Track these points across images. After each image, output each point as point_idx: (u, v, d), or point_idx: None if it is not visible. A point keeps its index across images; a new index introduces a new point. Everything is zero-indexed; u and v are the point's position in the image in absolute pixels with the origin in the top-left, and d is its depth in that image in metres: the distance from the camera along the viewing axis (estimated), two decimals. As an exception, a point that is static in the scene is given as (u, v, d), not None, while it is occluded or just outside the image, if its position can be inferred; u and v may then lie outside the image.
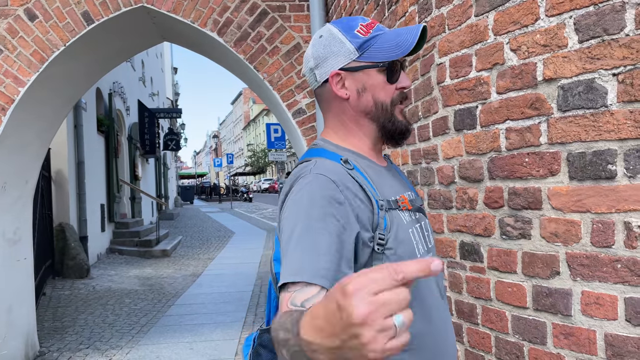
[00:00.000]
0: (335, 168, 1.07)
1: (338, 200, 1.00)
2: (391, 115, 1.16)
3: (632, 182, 1.36)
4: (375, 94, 1.14)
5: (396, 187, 1.19)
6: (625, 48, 1.37)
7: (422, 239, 1.17)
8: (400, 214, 1.12)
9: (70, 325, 6.00)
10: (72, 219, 9.03)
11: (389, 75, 1.14)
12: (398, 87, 1.15)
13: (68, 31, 4.27)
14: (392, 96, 1.15)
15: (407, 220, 1.14)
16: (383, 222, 1.06)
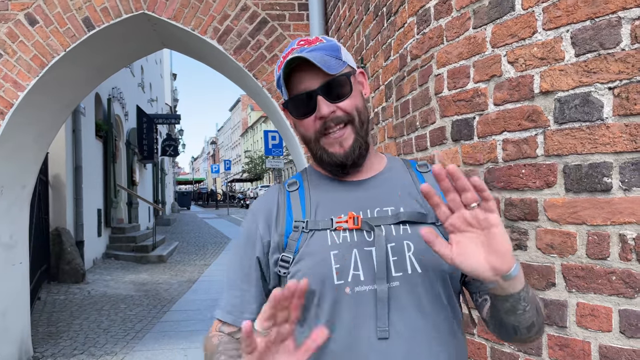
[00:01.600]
0: (266, 196, 1.18)
1: (250, 232, 1.13)
2: (317, 147, 1.11)
3: (627, 195, 1.38)
4: (298, 128, 1.13)
5: (351, 202, 1.09)
6: (621, 62, 1.39)
7: (370, 264, 1.03)
8: (330, 234, 1.05)
9: (65, 331, 5.98)
10: (68, 224, 9.01)
11: (292, 112, 1.12)
12: (317, 117, 1.07)
13: (69, 36, 4.29)
14: (314, 128, 1.09)
15: (336, 241, 1.05)
16: (295, 244, 1.06)
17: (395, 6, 2.55)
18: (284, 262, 1.07)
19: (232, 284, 1.14)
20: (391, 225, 1.06)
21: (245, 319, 1.04)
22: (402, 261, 1.04)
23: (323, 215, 1.08)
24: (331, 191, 1.12)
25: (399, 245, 1.05)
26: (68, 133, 9.02)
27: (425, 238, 0.90)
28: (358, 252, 1.03)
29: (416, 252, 1.04)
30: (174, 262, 11.58)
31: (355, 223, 1.05)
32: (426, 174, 1.17)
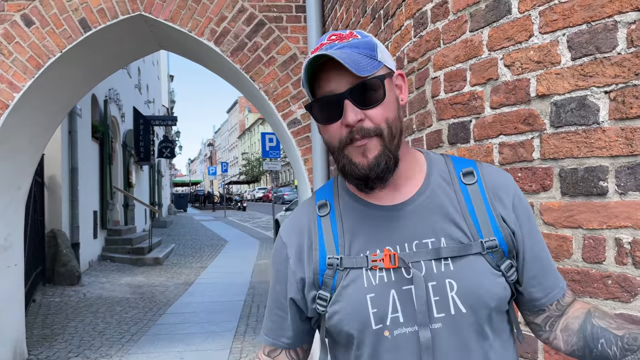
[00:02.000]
0: (298, 221, 1.08)
1: (281, 267, 1.07)
2: (341, 155, 0.98)
3: (623, 199, 1.37)
4: (322, 133, 1.02)
5: (387, 236, 0.99)
6: (617, 66, 1.39)
7: (409, 304, 0.95)
8: (366, 273, 0.97)
9: (60, 333, 5.95)
10: (64, 226, 8.98)
11: (316, 117, 1.00)
12: (344, 123, 0.95)
13: (65, 38, 4.27)
14: (339, 135, 0.96)
15: (373, 282, 0.96)
16: (332, 281, 0.99)
17: (392, 9, 2.55)
18: (321, 301, 1.00)
19: (270, 309, 1.13)
20: (432, 261, 0.96)
21: (282, 342, 1.11)
22: (445, 301, 0.94)
23: (358, 251, 0.99)
24: (364, 219, 1.01)
25: (440, 284, 0.95)
26: (64, 134, 9.00)
27: None
28: (396, 292, 0.95)
29: (460, 291, 0.95)
30: (170, 264, 11.55)
31: (392, 262, 0.96)
32: (471, 186, 1.02)
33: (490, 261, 0.97)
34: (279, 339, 1.10)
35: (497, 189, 1.02)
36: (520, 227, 1.01)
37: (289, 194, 36.90)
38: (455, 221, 0.98)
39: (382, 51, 1.00)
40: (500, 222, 0.99)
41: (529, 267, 1.02)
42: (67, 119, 9.07)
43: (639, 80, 1.34)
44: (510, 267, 0.99)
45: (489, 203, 1.00)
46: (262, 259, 11.99)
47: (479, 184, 1.02)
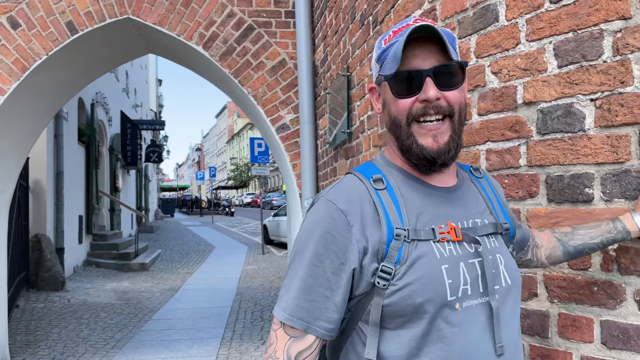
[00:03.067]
0: (354, 190, 1.02)
1: (340, 234, 0.98)
2: (407, 132, 1.01)
3: (608, 206, 1.38)
4: (390, 109, 1.04)
5: (447, 213, 1.03)
6: (602, 74, 1.40)
7: (479, 277, 1.00)
8: (436, 245, 0.99)
9: (43, 339, 5.86)
10: (48, 230, 8.87)
11: (392, 89, 1.02)
12: (420, 99, 0.99)
13: (51, 40, 4.23)
14: (409, 110, 1.00)
15: (445, 254, 0.98)
16: (397, 253, 0.96)
17: (381, 15, 2.56)
18: (384, 274, 0.96)
19: (308, 288, 0.98)
20: (484, 237, 1.04)
21: (320, 326, 0.97)
22: (498, 274, 1.03)
23: (424, 224, 1.00)
24: (425, 197, 1.04)
25: (494, 258, 1.04)
26: (50, 138, 8.90)
27: None
28: (464, 265, 0.99)
29: (505, 265, 1.05)
30: (157, 270, 11.45)
31: (457, 235, 1.00)
32: (482, 180, 1.17)
33: (505, 241, 1.11)
34: (316, 323, 0.97)
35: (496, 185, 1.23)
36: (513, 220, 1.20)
37: (278, 199, 36.82)
38: (486, 206, 1.12)
39: (456, 45, 1.07)
40: (507, 209, 1.17)
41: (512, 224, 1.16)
42: (53, 123, 8.97)
43: (624, 88, 1.35)
44: (513, 250, 1.16)
45: (496, 194, 1.17)
46: (250, 265, 11.93)
47: (485, 178, 1.18)
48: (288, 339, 0.99)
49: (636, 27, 1.34)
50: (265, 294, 8.41)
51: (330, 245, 0.97)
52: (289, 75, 4.42)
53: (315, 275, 0.97)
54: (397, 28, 1.02)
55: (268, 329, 6.25)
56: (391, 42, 1.01)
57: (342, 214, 0.98)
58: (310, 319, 0.97)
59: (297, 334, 0.99)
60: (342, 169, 3.53)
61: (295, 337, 0.99)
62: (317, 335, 0.99)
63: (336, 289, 0.98)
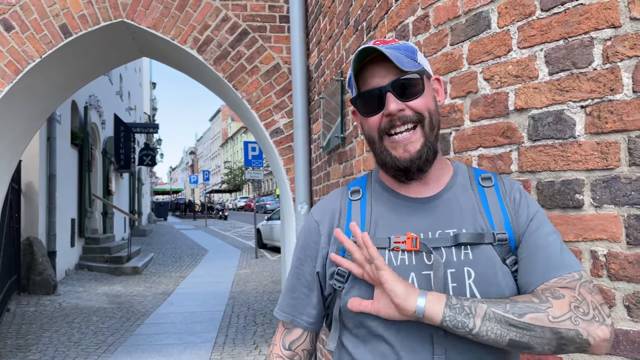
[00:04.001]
0: (330, 202, 1.17)
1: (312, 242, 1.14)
2: (381, 147, 1.07)
3: (598, 212, 1.40)
4: (364, 128, 1.11)
5: (412, 223, 1.06)
6: (592, 82, 1.42)
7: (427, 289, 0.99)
8: (388, 254, 1.03)
9: (34, 343, 5.81)
10: (40, 233, 8.81)
11: (359, 109, 1.09)
12: (385, 114, 1.04)
13: (45, 43, 4.22)
14: (379, 126, 1.06)
15: (396, 263, 1.02)
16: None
17: (374, 21, 2.58)
18: (339, 277, 1.07)
19: (292, 287, 1.17)
20: (452, 248, 1.02)
21: (302, 319, 1.15)
22: (462, 288, 1.00)
23: (382, 233, 1.06)
24: (393, 207, 1.09)
25: (459, 271, 1.01)
26: (42, 141, 8.86)
27: (350, 308, 1.00)
28: (416, 275, 1.01)
29: (477, 279, 1.00)
30: (149, 273, 11.40)
31: (414, 245, 1.02)
32: (488, 189, 1.11)
33: (498, 253, 1.03)
34: (299, 317, 1.15)
35: (512, 193, 1.11)
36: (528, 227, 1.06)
37: (271, 203, 36.77)
38: (473, 215, 1.07)
39: (422, 57, 1.11)
40: (512, 220, 1.06)
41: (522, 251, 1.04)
42: (45, 125, 8.93)
43: (614, 95, 1.37)
44: (515, 262, 1.04)
45: (503, 202, 1.09)
46: (243, 269, 11.91)
47: (496, 187, 1.12)
48: (283, 330, 1.19)
49: (625, 35, 1.35)
50: (259, 298, 8.39)
51: (307, 251, 1.15)
52: (283, 80, 4.43)
53: (298, 276, 1.16)
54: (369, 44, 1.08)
55: (261, 333, 6.23)
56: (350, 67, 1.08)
57: (316, 224, 1.15)
58: (295, 313, 1.16)
59: (288, 327, 1.18)
60: (335, 173, 3.54)
61: (287, 329, 1.18)
62: (302, 328, 1.16)
63: (313, 288, 1.14)
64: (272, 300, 8.20)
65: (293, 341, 1.16)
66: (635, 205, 1.33)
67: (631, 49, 1.34)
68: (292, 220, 4.37)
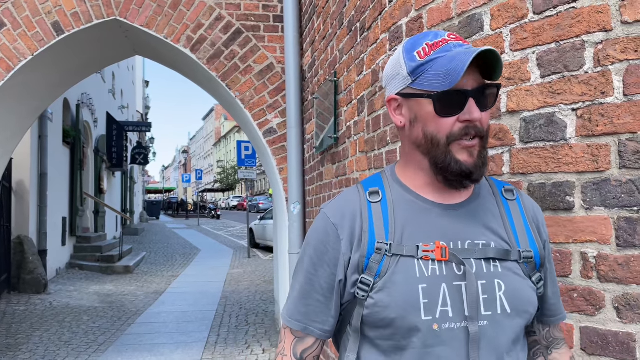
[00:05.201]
0: (348, 204, 1.07)
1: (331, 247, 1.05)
2: (445, 151, 0.99)
3: (588, 214, 1.41)
4: (426, 126, 1.01)
5: (440, 231, 1.02)
6: (584, 85, 1.43)
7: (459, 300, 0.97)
8: (417, 263, 0.98)
9: (24, 343, 5.77)
10: (31, 232, 8.75)
11: (437, 107, 0.99)
12: (461, 119, 0.98)
13: (37, 41, 4.20)
14: (451, 130, 0.99)
15: (426, 273, 0.98)
16: (377, 266, 0.99)
17: (368, 22, 2.58)
18: (363, 285, 1.00)
19: (305, 294, 1.07)
20: (481, 261, 1.00)
21: (316, 328, 1.06)
22: (493, 300, 0.98)
23: (408, 240, 1.00)
24: (418, 213, 1.03)
25: (490, 283, 0.99)
26: (34, 139, 8.80)
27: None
28: (447, 286, 0.97)
29: (507, 292, 0.99)
30: (141, 273, 11.35)
31: (443, 255, 0.98)
32: (511, 202, 1.09)
33: (524, 270, 1.03)
34: (313, 325, 1.06)
35: (534, 211, 1.12)
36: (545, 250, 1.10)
37: (264, 202, 36.74)
38: (499, 230, 1.05)
39: None
40: (536, 237, 1.07)
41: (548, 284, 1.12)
42: (37, 123, 8.87)
43: (604, 98, 1.38)
44: (540, 279, 1.06)
45: (526, 219, 1.08)
46: (236, 268, 11.89)
47: (518, 202, 1.10)
48: (293, 338, 1.09)
49: (617, 39, 1.37)
50: (251, 298, 8.38)
51: (323, 256, 1.05)
52: (277, 80, 4.43)
53: (312, 283, 1.06)
54: (432, 42, 1.00)
55: (253, 333, 6.22)
56: (430, 56, 0.99)
57: (334, 227, 1.05)
58: (308, 321, 1.07)
59: (300, 335, 1.08)
60: (328, 173, 3.54)
61: (299, 338, 1.09)
62: (315, 336, 1.08)
63: (329, 295, 1.05)
64: (265, 300, 8.19)
65: (305, 349, 1.08)
66: (625, 208, 1.34)
67: (622, 53, 1.36)
68: (284, 220, 4.36)
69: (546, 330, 1.16)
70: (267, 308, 7.54)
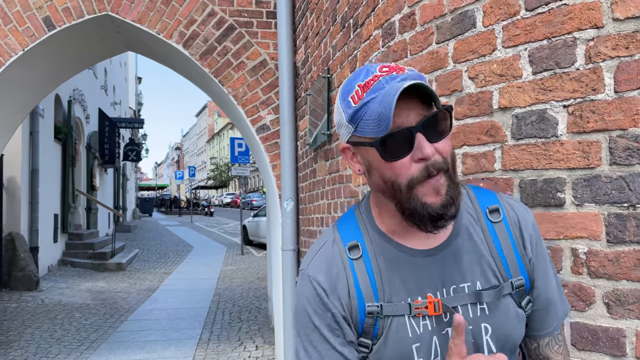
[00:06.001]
0: (332, 263, 0.99)
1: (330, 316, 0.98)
2: (409, 196, 0.91)
3: (579, 210, 1.41)
4: (382, 173, 0.93)
5: (427, 281, 0.97)
6: (575, 81, 1.43)
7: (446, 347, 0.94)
8: (409, 321, 0.95)
9: (16, 340, 5.74)
10: (22, 229, 8.70)
11: (382, 154, 0.90)
12: (415, 158, 0.89)
13: (28, 36, 4.16)
14: (410, 172, 0.90)
15: (418, 331, 0.95)
16: (372, 329, 0.96)
17: (361, 18, 2.58)
18: (363, 347, 0.98)
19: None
20: (468, 305, 0.96)
21: None
22: (480, 345, 0.96)
23: (397, 297, 0.96)
24: (401, 264, 0.97)
25: (476, 328, 0.96)
26: (25, 135, 8.74)
27: None
28: (437, 338, 0.95)
29: (494, 334, 0.96)
30: (134, 270, 11.32)
31: (436, 309, 0.94)
32: (497, 225, 1.01)
33: (516, 300, 0.99)
34: None
35: (520, 225, 1.02)
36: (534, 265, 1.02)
37: (258, 199, 36.69)
38: (487, 263, 0.98)
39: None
40: (524, 259, 1.00)
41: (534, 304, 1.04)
42: (28, 119, 8.81)
43: (595, 95, 1.39)
44: (529, 302, 1.02)
45: (514, 241, 1.00)
46: (229, 265, 11.87)
47: (505, 222, 1.01)
48: None
49: (608, 36, 1.37)
50: (244, 295, 8.38)
51: (328, 329, 0.98)
52: (270, 76, 4.42)
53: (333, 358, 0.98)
54: (363, 82, 0.91)
55: (246, 329, 6.22)
56: (363, 100, 0.90)
57: (325, 292, 0.98)
58: None
59: None
60: (321, 170, 3.54)
61: None
62: None
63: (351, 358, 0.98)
64: (258, 296, 8.19)
65: None
66: (615, 204, 1.35)
67: (613, 50, 1.36)
68: (278, 216, 4.36)
69: (534, 347, 1.07)
70: (260, 305, 7.54)
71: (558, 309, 1.06)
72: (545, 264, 1.05)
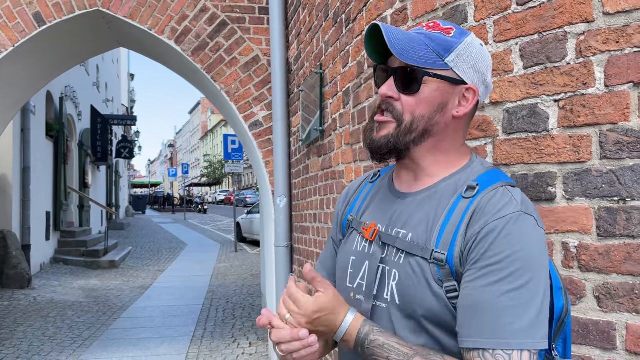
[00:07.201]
0: (361, 179, 1.28)
1: (338, 205, 1.29)
2: (370, 124, 1.07)
3: (570, 204, 1.42)
4: None
5: (383, 214, 1.07)
6: (566, 76, 1.43)
7: (367, 278, 1.03)
8: (357, 237, 1.11)
9: (8, 338, 5.71)
10: (14, 227, 8.65)
11: (375, 79, 1.11)
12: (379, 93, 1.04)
13: (18, 32, 4.13)
14: (376, 104, 1.06)
15: (358, 248, 1.09)
16: (347, 233, 1.18)
17: (353, 14, 2.57)
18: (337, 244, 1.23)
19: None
20: (394, 249, 1.01)
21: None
22: (384, 286, 1.01)
23: (365, 218, 1.12)
24: (382, 196, 1.13)
25: (389, 271, 1.00)
26: (16, 132, 8.67)
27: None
28: (369, 263, 1.05)
29: (399, 284, 0.98)
30: (127, 267, 11.28)
31: (371, 235, 1.06)
32: (463, 201, 0.97)
33: (434, 273, 0.94)
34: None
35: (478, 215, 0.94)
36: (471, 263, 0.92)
37: (252, 196, 36.63)
38: (430, 225, 0.98)
39: (461, 59, 1.00)
40: (461, 242, 0.93)
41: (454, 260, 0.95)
42: (19, 116, 8.75)
43: (586, 89, 1.39)
44: (454, 290, 0.93)
45: (463, 221, 0.94)
46: (222, 263, 11.86)
47: (471, 202, 0.96)
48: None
49: (599, 30, 1.37)
50: (238, 292, 8.37)
51: (335, 218, 1.29)
52: (263, 72, 4.40)
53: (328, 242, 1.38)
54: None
55: (240, 327, 6.22)
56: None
57: (343, 195, 1.29)
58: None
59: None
60: (314, 166, 3.54)
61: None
62: None
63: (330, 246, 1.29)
64: (252, 293, 8.18)
65: None
66: (605, 198, 1.35)
67: (604, 44, 1.36)
68: (271, 213, 4.35)
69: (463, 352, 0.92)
70: (254, 302, 7.54)
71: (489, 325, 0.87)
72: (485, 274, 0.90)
